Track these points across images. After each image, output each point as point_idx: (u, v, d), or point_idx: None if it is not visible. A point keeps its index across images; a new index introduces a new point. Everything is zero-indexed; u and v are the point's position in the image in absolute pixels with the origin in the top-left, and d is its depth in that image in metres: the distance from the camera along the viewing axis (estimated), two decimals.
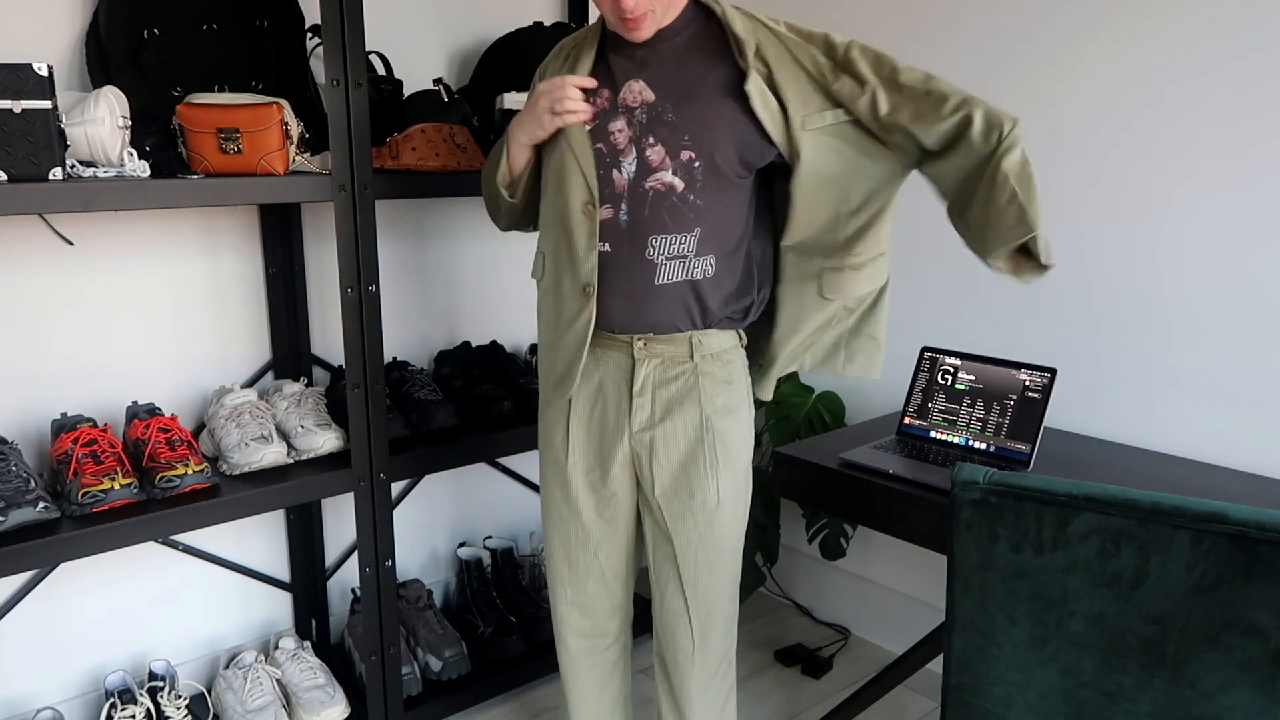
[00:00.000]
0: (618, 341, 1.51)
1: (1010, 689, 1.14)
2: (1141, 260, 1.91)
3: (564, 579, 1.65)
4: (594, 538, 1.61)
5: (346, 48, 1.69)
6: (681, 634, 1.60)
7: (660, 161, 1.43)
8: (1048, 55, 2.00)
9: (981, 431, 1.85)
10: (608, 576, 1.64)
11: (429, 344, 2.39)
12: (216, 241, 2.04)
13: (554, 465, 1.61)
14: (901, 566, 2.44)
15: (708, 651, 1.61)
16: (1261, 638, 0.98)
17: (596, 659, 1.71)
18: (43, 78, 1.45)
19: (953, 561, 1.15)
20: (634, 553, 1.67)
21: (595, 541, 1.61)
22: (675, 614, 1.60)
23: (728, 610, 1.61)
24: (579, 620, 1.68)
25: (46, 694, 1.98)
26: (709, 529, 1.54)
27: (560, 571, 1.65)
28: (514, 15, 2.36)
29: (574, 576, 1.65)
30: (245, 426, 1.87)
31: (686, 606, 1.58)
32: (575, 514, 1.60)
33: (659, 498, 1.54)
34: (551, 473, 1.62)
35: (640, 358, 1.50)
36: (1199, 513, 0.99)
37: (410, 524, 2.44)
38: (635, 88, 1.44)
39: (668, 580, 1.59)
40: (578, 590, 1.65)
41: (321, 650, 2.25)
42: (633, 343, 1.50)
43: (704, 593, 1.57)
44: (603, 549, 1.62)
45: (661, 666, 1.67)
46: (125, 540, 1.63)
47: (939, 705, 1.68)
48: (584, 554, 1.62)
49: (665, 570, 1.59)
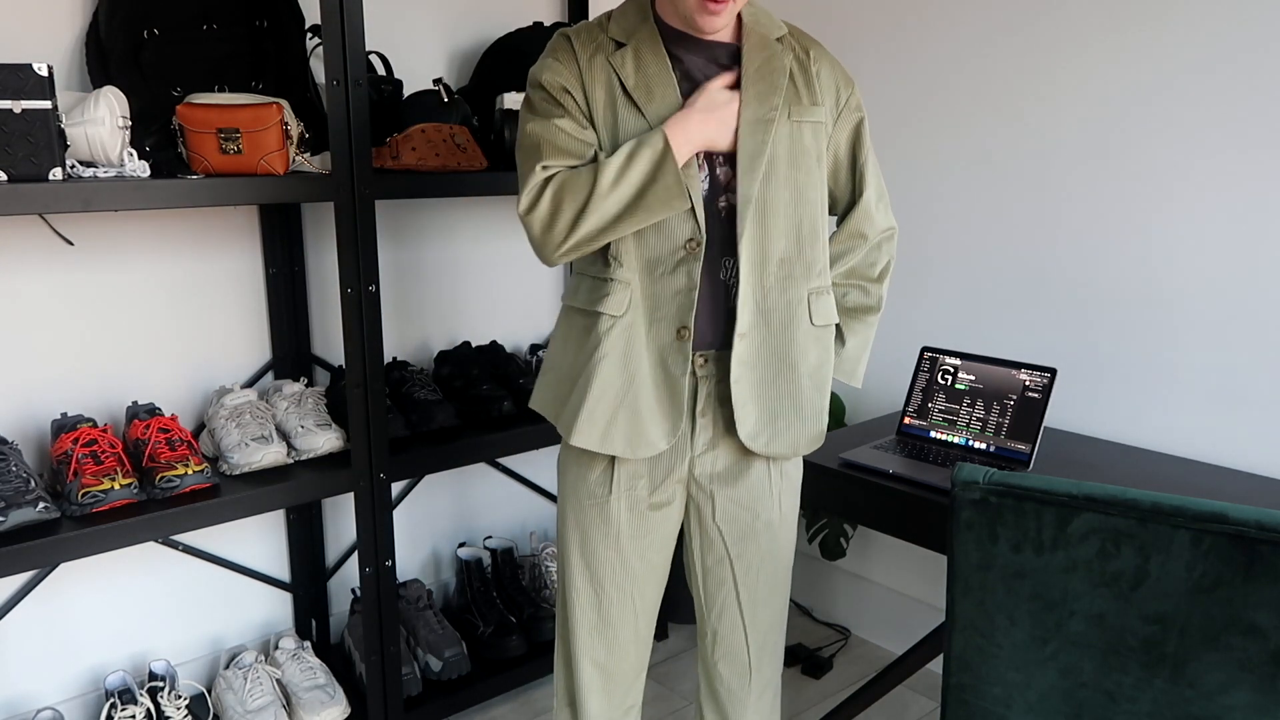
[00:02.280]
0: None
1: (1010, 689, 1.14)
2: (1141, 260, 1.91)
3: (591, 626, 1.49)
4: (634, 576, 1.47)
5: (346, 48, 1.69)
6: (738, 662, 1.52)
7: (729, 180, 1.35)
8: (1047, 55, 2.00)
9: (981, 431, 1.85)
10: (640, 624, 1.51)
11: (429, 344, 2.39)
12: (217, 241, 2.04)
13: (589, 501, 1.45)
14: (901, 566, 2.44)
15: (762, 678, 1.54)
16: (1261, 638, 0.98)
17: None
18: (43, 78, 1.45)
19: (953, 561, 1.15)
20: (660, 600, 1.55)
21: (635, 580, 1.47)
22: (732, 642, 1.51)
23: (781, 634, 1.55)
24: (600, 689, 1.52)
25: (46, 694, 1.98)
26: (772, 547, 1.48)
27: (586, 618, 1.49)
28: (514, 15, 2.36)
29: (604, 624, 1.49)
30: (245, 426, 1.87)
31: (745, 633, 1.50)
32: (615, 552, 1.45)
33: (720, 521, 1.45)
34: (584, 512, 1.46)
35: (703, 375, 1.40)
36: (1199, 513, 0.99)
37: (410, 524, 2.43)
38: None
39: (725, 606, 1.49)
40: (607, 642, 1.50)
41: (321, 650, 2.25)
42: (693, 359, 1.39)
43: (764, 616, 1.50)
44: (640, 589, 1.49)
45: (711, 696, 1.56)
46: (125, 540, 1.63)
47: (939, 705, 1.68)
48: (619, 596, 1.48)
49: (720, 595, 1.49)
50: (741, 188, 1.33)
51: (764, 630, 1.52)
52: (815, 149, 1.38)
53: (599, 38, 1.36)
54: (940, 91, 2.19)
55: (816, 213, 1.39)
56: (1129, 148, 1.91)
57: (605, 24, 1.37)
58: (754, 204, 1.33)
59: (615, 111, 1.33)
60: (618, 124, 1.33)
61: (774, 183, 1.35)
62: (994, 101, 2.10)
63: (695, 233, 1.33)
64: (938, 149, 2.21)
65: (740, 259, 1.34)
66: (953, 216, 2.20)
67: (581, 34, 1.37)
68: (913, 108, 2.24)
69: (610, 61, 1.33)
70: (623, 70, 1.33)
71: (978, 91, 2.13)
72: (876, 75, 2.29)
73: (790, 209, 1.37)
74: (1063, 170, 2.00)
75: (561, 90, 1.34)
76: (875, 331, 1.49)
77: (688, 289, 1.34)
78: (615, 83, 1.33)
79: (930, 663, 2.01)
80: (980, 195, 2.15)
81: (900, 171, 2.29)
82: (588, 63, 1.34)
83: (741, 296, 1.35)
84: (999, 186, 2.11)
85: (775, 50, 1.36)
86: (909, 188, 2.28)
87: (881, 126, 2.31)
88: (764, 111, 1.33)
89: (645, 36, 1.34)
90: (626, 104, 1.32)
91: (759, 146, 1.33)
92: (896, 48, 2.24)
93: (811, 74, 1.38)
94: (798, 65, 1.38)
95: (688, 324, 1.34)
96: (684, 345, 1.35)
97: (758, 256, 1.35)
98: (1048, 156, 2.02)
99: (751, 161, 1.32)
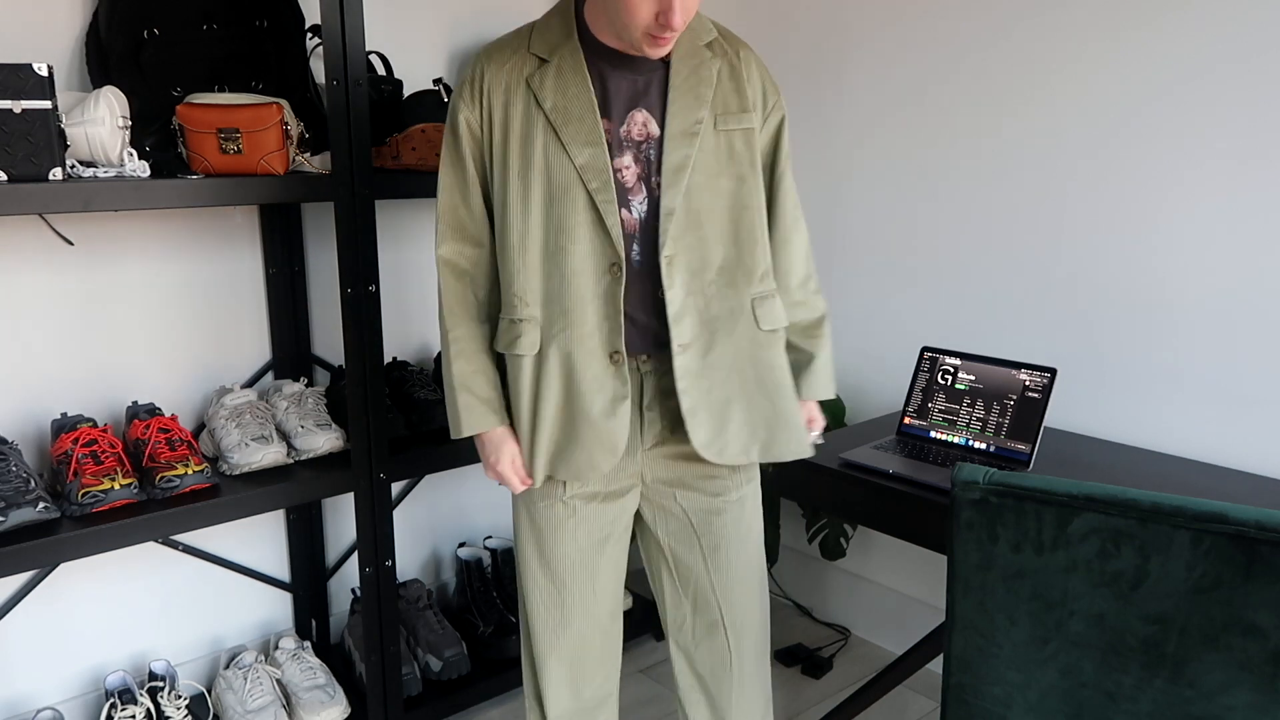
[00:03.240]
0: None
1: (1010, 689, 1.14)
2: (1142, 260, 1.91)
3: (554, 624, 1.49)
4: (592, 568, 1.48)
5: (346, 48, 1.69)
6: (717, 647, 1.53)
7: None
8: (1047, 56, 2.00)
9: (981, 431, 1.85)
10: (603, 615, 1.52)
11: (429, 344, 2.39)
12: (217, 241, 2.04)
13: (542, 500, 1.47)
14: (901, 566, 2.44)
15: (744, 663, 1.54)
16: (1261, 638, 0.98)
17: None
18: (43, 78, 1.45)
19: (953, 561, 1.15)
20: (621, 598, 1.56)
21: (593, 572, 1.48)
22: (709, 625, 1.52)
23: (763, 615, 1.56)
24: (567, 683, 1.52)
25: (46, 694, 1.98)
26: (739, 523, 1.49)
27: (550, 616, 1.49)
28: (514, 15, 2.36)
29: (565, 620, 1.49)
30: (245, 426, 1.87)
31: (721, 614, 1.51)
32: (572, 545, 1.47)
33: (682, 501, 1.47)
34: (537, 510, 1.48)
35: (646, 371, 1.42)
36: (1199, 513, 0.99)
37: (410, 524, 2.44)
38: (639, 118, 1.34)
39: (697, 588, 1.51)
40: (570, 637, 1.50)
41: (321, 650, 2.25)
42: (637, 360, 1.41)
43: (739, 595, 1.51)
44: (599, 580, 1.49)
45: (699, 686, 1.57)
46: (125, 540, 1.63)
47: (939, 705, 1.68)
48: (578, 590, 1.48)
49: (692, 578, 1.50)
50: (664, 200, 1.33)
51: (740, 611, 1.52)
52: (748, 154, 1.38)
53: (520, 53, 1.35)
54: (941, 91, 2.19)
55: (755, 219, 1.39)
56: (1130, 147, 1.91)
57: (528, 37, 1.36)
58: (676, 215, 1.33)
59: (532, 133, 1.32)
60: (533, 146, 1.32)
61: (705, 193, 1.35)
62: (994, 101, 2.10)
63: (615, 257, 1.33)
64: (938, 149, 2.21)
65: (675, 270, 1.34)
66: (953, 216, 2.20)
67: (503, 51, 1.36)
68: (913, 108, 2.24)
69: (529, 83, 1.33)
70: (541, 91, 1.32)
71: (978, 91, 2.13)
72: (876, 75, 2.29)
73: (724, 216, 1.37)
74: (1063, 170, 2.00)
75: (466, 133, 1.37)
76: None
77: (614, 313, 1.35)
78: (532, 102, 1.32)
79: (930, 663, 2.01)
80: (981, 195, 2.15)
81: (900, 172, 2.29)
82: (504, 89, 1.34)
83: (680, 307, 1.35)
84: (999, 187, 2.11)
85: (704, 58, 1.36)
86: (909, 188, 2.28)
87: (881, 127, 2.31)
88: (688, 124, 1.33)
89: (568, 53, 1.33)
90: (545, 126, 1.32)
91: (683, 160, 1.33)
92: (896, 48, 2.24)
93: (743, 78, 1.38)
94: (728, 69, 1.38)
95: (619, 348, 1.36)
96: (620, 369, 1.36)
97: (696, 265, 1.36)
98: (1048, 156, 2.02)
99: (674, 175, 1.33)
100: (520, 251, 1.35)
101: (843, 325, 2.45)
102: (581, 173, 1.31)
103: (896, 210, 2.31)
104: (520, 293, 1.36)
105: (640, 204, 1.34)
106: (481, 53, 1.38)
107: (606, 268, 1.33)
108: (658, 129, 1.34)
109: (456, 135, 1.38)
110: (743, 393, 1.41)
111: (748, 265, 1.39)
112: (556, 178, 1.32)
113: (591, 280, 1.34)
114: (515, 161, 1.33)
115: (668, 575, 1.54)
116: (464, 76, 1.38)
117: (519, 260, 1.35)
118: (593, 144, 1.31)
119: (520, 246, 1.35)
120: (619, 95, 1.33)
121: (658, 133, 1.34)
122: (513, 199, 1.34)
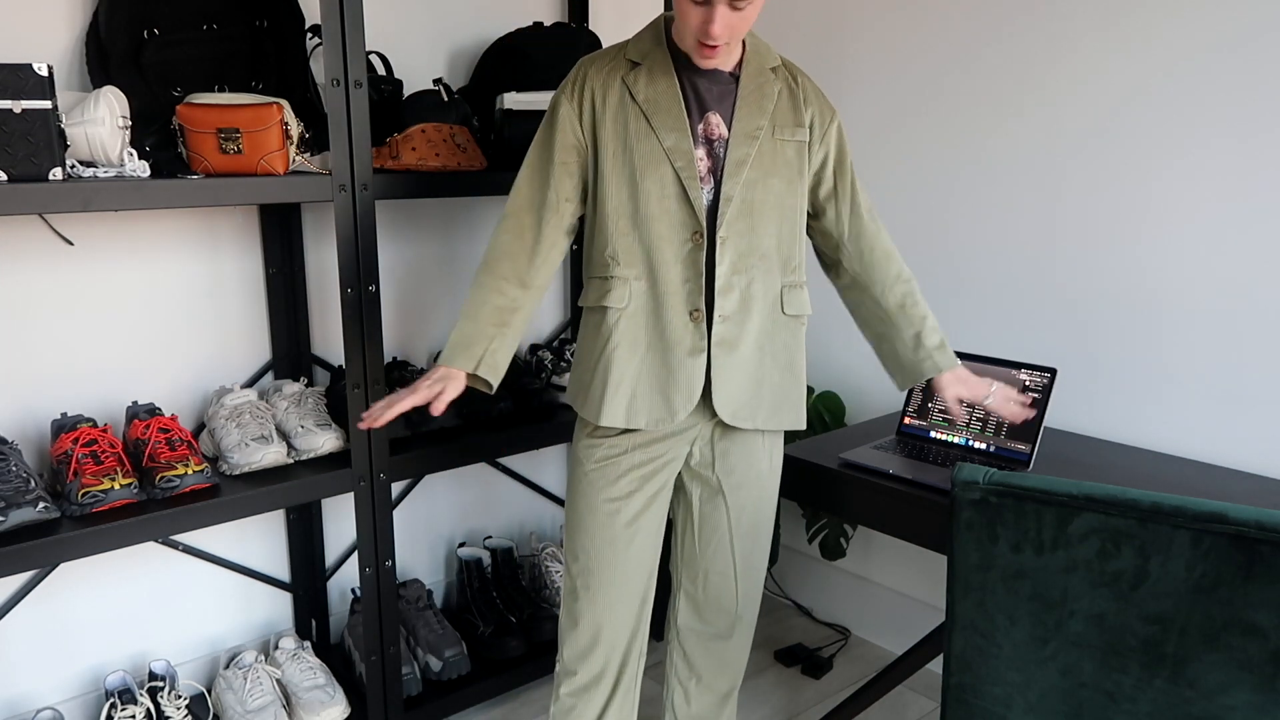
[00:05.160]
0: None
1: (1010, 689, 1.14)
2: (1142, 260, 1.91)
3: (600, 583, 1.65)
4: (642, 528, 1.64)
5: (346, 48, 1.69)
6: (725, 608, 1.72)
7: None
8: (1048, 55, 2.00)
9: (981, 431, 1.85)
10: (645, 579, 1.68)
11: (429, 344, 2.39)
12: (216, 241, 2.04)
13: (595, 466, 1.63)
14: (901, 566, 2.44)
15: (744, 626, 1.75)
16: (1261, 638, 0.98)
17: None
18: (43, 78, 1.45)
19: (953, 562, 1.15)
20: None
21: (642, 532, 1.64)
22: (722, 586, 1.71)
23: (761, 581, 1.75)
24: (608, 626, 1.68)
25: (46, 694, 1.98)
26: (761, 496, 1.69)
27: (600, 556, 1.65)
28: (514, 15, 2.36)
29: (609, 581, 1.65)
30: (245, 426, 1.87)
31: (736, 576, 1.70)
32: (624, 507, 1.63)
33: (720, 472, 1.65)
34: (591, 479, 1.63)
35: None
36: (1199, 513, 0.99)
37: (410, 524, 2.44)
38: (713, 120, 1.53)
39: (717, 549, 1.69)
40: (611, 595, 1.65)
41: (321, 650, 2.25)
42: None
43: (752, 561, 1.71)
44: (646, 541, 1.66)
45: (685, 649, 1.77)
46: (125, 540, 1.63)
47: (939, 705, 1.68)
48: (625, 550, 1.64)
49: (715, 540, 1.68)
50: (724, 188, 1.53)
51: (752, 575, 1.72)
52: (798, 163, 1.58)
53: (617, 59, 1.57)
54: (941, 92, 2.19)
55: (796, 217, 1.60)
56: (1129, 148, 1.91)
57: (624, 47, 1.58)
58: (734, 202, 1.53)
59: (626, 118, 1.52)
60: (628, 130, 1.53)
61: (758, 187, 1.54)
62: (994, 102, 2.10)
63: (697, 225, 1.53)
64: (938, 149, 2.21)
65: (726, 250, 1.53)
66: (953, 217, 2.20)
67: (602, 58, 1.58)
68: (912, 110, 2.24)
69: (625, 79, 1.54)
70: (635, 86, 1.53)
71: (978, 92, 2.13)
72: (876, 76, 2.29)
73: (772, 210, 1.56)
74: (1063, 170, 2.00)
75: (563, 122, 1.56)
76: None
77: (695, 275, 1.53)
78: (627, 95, 1.53)
79: (930, 663, 2.01)
80: (981, 196, 2.15)
81: (901, 172, 2.29)
82: (603, 85, 1.54)
83: (726, 282, 1.54)
84: (999, 187, 2.11)
85: (768, 79, 1.57)
86: (910, 189, 2.28)
87: (881, 127, 2.31)
88: (751, 128, 1.54)
89: (658, 58, 1.54)
90: (638, 114, 1.52)
91: (744, 156, 1.53)
92: (894, 50, 2.24)
93: (799, 99, 1.59)
94: (788, 91, 1.59)
95: (699, 306, 1.54)
96: (699, 325, 1.54)
97: (744, 248, 1.55)
98: (1048, 157, 2.02)
99: (736, 168, 1.53)
100: (615, 219, 1.54)
101: (843, 325, 2.45)
102: (669, 153, 1.51)
103: (896, 211, 2.31)
104: (614, 254, 1.56)
105: (708, 192, 1.53)
106: (583, 59, 1.59)
107: (689, 235, 1.53)
108: (726, 131, 1.54)
109: (552, 125, 1.57)
110: (759, 366, 1.59)
111: (784, 255, 1.59)
112: (648, 157, 1.51)
113: (676, 245, 1.53)
114: (611, 143, 1.53)
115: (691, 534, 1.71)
116: (567, 79, 1.58)
117: (613, 226, 1.54)
118: (678, 130, 1.51)
119: (615, 214, 1.54)
120: (698, 99, 1.54)
121: (726, 134, 1.54)
122: (609, 174, 1.54)
